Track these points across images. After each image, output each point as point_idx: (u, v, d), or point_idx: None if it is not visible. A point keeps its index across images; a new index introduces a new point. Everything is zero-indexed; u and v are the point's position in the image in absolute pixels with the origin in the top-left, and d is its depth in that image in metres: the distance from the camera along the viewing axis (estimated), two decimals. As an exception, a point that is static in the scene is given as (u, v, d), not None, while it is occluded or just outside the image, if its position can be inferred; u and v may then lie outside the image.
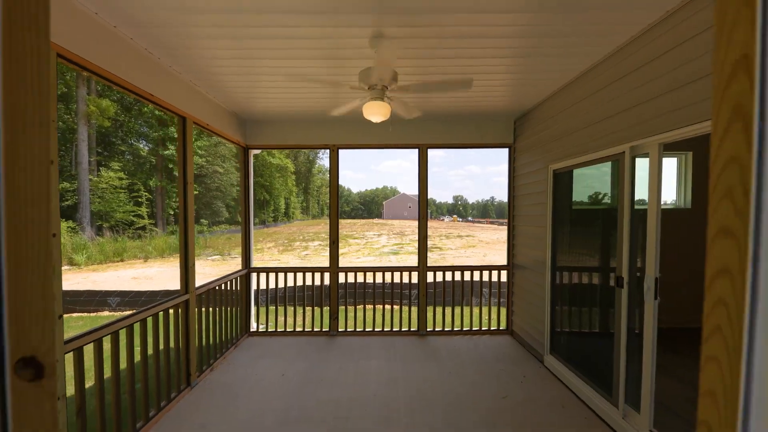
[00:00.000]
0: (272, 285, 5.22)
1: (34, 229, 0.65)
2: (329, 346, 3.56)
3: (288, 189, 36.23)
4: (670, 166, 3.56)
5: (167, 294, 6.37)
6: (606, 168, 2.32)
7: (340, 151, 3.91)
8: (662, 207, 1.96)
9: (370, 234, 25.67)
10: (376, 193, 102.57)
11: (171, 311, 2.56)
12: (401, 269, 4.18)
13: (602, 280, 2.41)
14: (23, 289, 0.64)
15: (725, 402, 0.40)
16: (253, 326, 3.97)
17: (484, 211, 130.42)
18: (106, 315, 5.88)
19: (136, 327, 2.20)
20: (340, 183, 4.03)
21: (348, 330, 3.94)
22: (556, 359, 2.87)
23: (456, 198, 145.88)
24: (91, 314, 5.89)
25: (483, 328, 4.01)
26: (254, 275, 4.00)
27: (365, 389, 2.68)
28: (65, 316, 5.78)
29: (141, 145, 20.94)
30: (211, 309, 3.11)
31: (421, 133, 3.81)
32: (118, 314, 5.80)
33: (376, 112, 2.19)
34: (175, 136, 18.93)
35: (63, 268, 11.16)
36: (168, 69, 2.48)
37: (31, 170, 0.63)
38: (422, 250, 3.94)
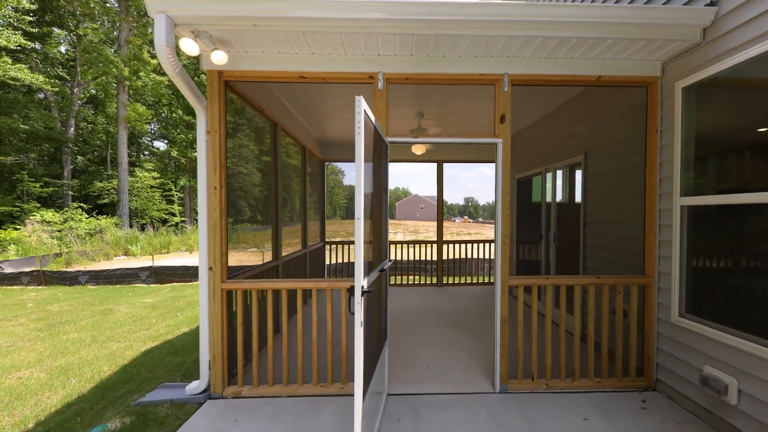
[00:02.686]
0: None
1: (212, 217, 3.00)
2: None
3: (287, 189, 39.05)
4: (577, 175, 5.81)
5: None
6: (538, 179, 4.61)
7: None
8: (562, 201, 4.23)
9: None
10: (389, 194, 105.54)
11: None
12: (427, 242, 6.52)
13: (536, 237, 4.69)
14: (212, 241, 3.01)
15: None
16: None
17: (493, 213, 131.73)
18: (196, 283, 8.37)
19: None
20: (351, 184, 6.44)
21: (395, 284, 6.29)
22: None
23: (467, 200, 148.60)
24: (188, 283, 8.38)
25: (479, 281, 6.31)
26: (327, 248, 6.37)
27: (410, 305, 5.02)
28: (174, 284, 8.29)
29: (164, 145, 23.77)
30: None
31: (440, 152, 6.12)
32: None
33: (418, 149, 4.52)
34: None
35: (120, 257, 13.84)
36: (300, 120, 4.86)
37: (213, 196, 2.89)
38: (440, 230, 6.26)
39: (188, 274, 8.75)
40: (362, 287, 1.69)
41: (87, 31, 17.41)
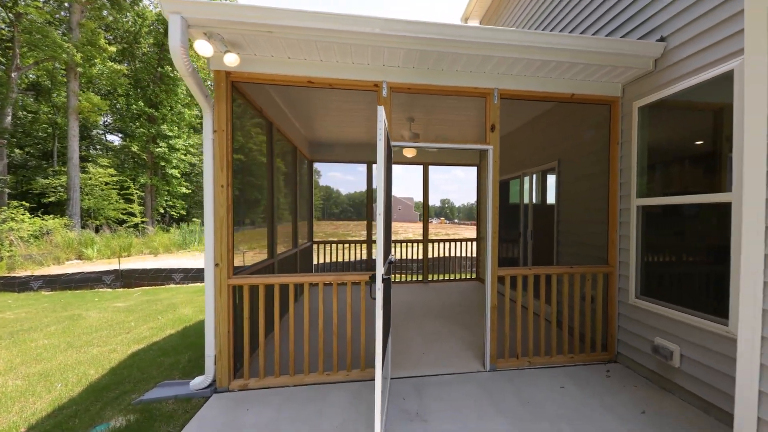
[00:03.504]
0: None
1: (219, 214, 3.26)
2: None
3: (279, 189, 38.07)
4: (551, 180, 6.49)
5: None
6: (517, 182, 5.11)
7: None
8: (538, 203, 4.74)
9: (366, 233, 28.31)
10: (366, 196, 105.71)
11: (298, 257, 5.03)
12: (413, 241, 6.86)
13: (515, 236, 5.19)
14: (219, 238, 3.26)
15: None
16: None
17: (469, 214, 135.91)
18: (171, 287, 8.10)
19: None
20: (327, 185, 6.75)
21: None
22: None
23: (443, 201, 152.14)
24: (160, 287, 8.09)
25: (462, 277, 6.76)
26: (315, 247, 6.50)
27: (401, 301, 5.32)
28: (144, 287, 7.98)
29: (118, 139, 22.24)
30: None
31: (425, 155, 6.49)
32: (182, 286, 8.05)
33: (409, 152, 4.84)
34: (168, 134, 20.50)
35: (73, 261, 12.89)
36: (291, 118, 5.00)
37: (219, 193, 3.17)
38: (425, 229, 6.63)
39: (160, 277, 8.44)
40: (382, 275, 1.96)
41: (30, 10, 15.98)
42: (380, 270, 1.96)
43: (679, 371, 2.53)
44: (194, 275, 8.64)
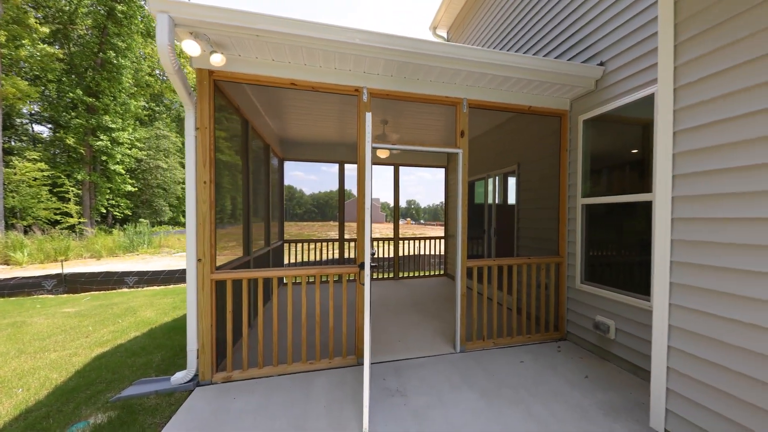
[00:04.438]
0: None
1: (202, 210, 3.52)
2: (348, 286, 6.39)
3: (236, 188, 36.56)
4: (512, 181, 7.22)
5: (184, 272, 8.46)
6: (482, 182, 5.64)
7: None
8: (500, 203, 5.29)
9: (333, 234, 28.12)
10: (331, 196, 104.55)
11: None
12: (386, 239, 7.18)
13: (480, 233, 5.72)
14: (201, 233, 3.52)
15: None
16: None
17: (434, 215, 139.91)
18: (125, 291, 7.72)
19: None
20: (290, 184, 6.96)
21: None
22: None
23: (409, 202, 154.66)
24: (111, 291, 7.67)
25: (431, 274, 7.21)
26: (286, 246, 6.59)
27: (375, 296, 5.59)
28: (93, 292, 7.52)
29: (47, 130, 20.25)
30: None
31: (397, 157, 6.85)
32: (137, 290, 7.70)
33: (383, 153, 5.15)
34: (110, 126, 19.12)
35: (0, 266, 11.64)
36: (264, 116, 5.11)
37: (202, 190, 3.45)
38: (396, 228, 6.98)
39: (110, 281, 7.99)
40: (370, 263, 2.25)
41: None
42: (368, 258, 2.25)
43: (614, 342, 3.10)
44: (150, 278, 8.29)
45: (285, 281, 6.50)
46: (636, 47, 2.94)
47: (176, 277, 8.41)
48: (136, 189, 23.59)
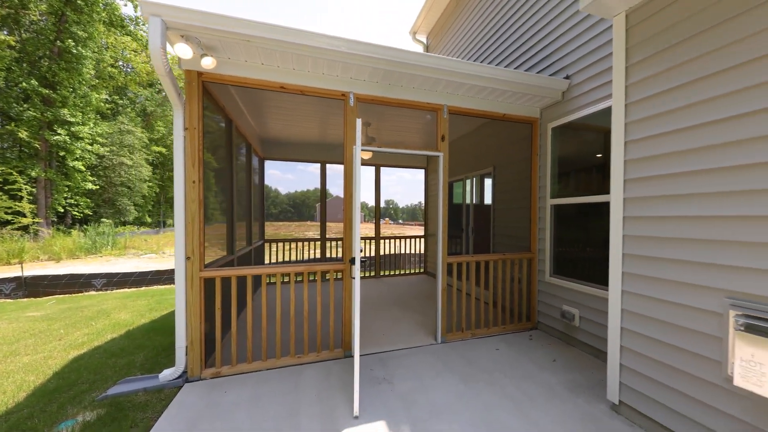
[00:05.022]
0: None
1: (191, 209, 3.70)
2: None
3: (208, 187, 35.40)
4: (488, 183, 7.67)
5: (166, 272, 8.26)
6: (460, 183, 5.99)
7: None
8: (477, 203, 5.65)
9: (311, 234, 27.88)
10: (307, 195, 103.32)
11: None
12: (367, 238, 7.38)
13: (458, 232, 6.06)
14: (190, 232, 3.70)
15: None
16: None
17: (413, 215, 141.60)
18: (92, 294, 7.47)
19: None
20: (265, 183, 7.10)
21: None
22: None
23: (388, 202, 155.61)
24: (78, 294, 7.40)
25: (411, 272, 7.49)
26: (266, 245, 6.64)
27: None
28: (57, 296, 7.23)
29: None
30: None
31: (378, 158, 7.07)
32: (107, 292, 7.47)
33: (366, 154, 5.36)
34: (69, 119, 18.15)
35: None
36: (248, 118, 5.19)
37: (191, 189, 3.63)
38: (377, 227, 7.21)
39: (76, 284, 7.71)
40: (360, 258, 2.46)
41: None
42: (358, 253, 2.45)
43: (578, 329, 3.48)
44: (120, 281, 8.06)
45: (272, 280, 6.59)
46: (597, 63, 3.32)
47: (149, 278, 8.22)
48: (98, 187, 22.41)
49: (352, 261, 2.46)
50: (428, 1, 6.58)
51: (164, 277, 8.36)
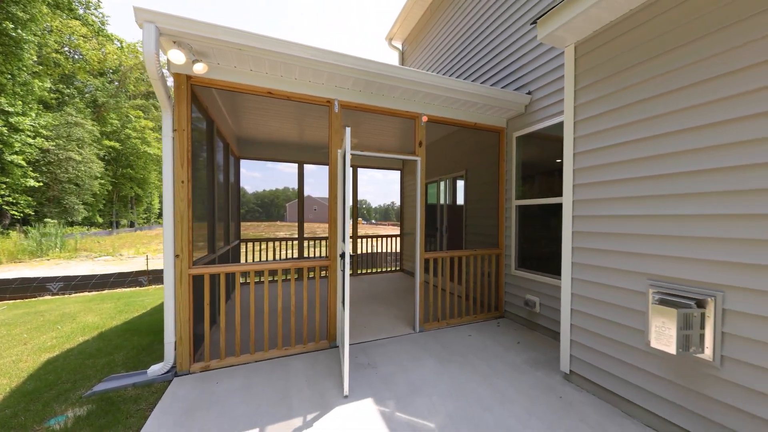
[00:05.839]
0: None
1: (180, 209, 3.97)
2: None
3: (203, 187, 33.65)
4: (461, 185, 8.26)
5: (130, 274, 7.98)
6: (434, 185, 6.45)
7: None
8: (451, 204, 6.13)
9: (282, 234, 27.46)
10: (276, 195, 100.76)
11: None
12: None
13: (433, 231, 6.52)
14: (179, 230, 3.97)
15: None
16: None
17: (385, 215, 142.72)
18: (48, 298, 7.15)
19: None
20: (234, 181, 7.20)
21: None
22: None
23: (360, 202, 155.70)
24: (31, 299, 7.06)
25: (387, 270, 7.87)
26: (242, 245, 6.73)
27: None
28: (7, 301, 6.86)
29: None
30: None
31: (355, 159, 7.37)
32: (65, 297, 7.17)
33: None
34: (7, 109, 16.85)
35: None
36: (226, 117, 5.31)
37: (180, 189, 3.89)
38: (355, 227, 7.50)
39: (28, 288, 7.35)
40: (349, 253, 2.77)
41: None
42: (348, 249, 2.77)
43: (539, 315, 4.00)
44: (79, 284, 7.76)
45: (261, 279, 6.67)
46: (554, 83, 3.86)
47: (111, 281, 7.97)
48: (41, 184, 20.79)
49: (342, 255, 2.77)
50: (404, 10, 6.99)
51: (128, 279, 8.14)
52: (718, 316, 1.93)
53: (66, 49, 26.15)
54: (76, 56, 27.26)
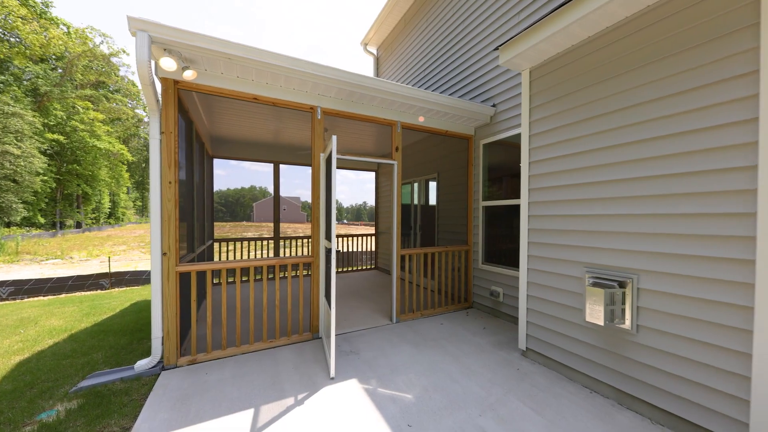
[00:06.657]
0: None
1: (167, 208, 4.27)
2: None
3: (117, 182, 31.65)
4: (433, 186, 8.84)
5: (90, 277, 7.70)
6: (408, 186, 6.92)
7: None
8: (424, 204, 6.62)
9: (250, 235, 26.79)
10: (242, 194, 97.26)
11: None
12: None
13: (407, 229, 6.99)
14: (167, 229, 4.25)
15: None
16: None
17: (357, 215, 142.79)
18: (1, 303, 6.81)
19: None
20: (197, 180, 7.37)
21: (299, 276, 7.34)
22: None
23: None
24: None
25: (363, 268, 8.24)
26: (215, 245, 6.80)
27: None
28: (-47, 307, 6.45)
29: None
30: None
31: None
32: (18, 302, 6.87)
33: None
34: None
35: None
36: (203, 117, 5.44)
37: (167, 189, 4.19)
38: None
39: (-24, 294, 6.94)
40: (336, 249, 3.12)
41: None
42: (334, 246, 3.12)
43: (503, 304, 4.56)
44: (32, 288, 7.45)
45: (244, 278, 6.75)
46: (516, 98, 4.44)
47: (69, 285, 7.70)
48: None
49: (328, 251, 3.11)
50: (379, 17, 7.41)
51: (89, 282, 7.89)
52: (635, 293, 2.50)
53: (0, 31, 24.04)
54: (12, 39, 25.11)
